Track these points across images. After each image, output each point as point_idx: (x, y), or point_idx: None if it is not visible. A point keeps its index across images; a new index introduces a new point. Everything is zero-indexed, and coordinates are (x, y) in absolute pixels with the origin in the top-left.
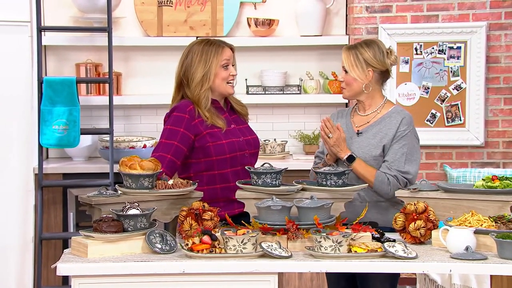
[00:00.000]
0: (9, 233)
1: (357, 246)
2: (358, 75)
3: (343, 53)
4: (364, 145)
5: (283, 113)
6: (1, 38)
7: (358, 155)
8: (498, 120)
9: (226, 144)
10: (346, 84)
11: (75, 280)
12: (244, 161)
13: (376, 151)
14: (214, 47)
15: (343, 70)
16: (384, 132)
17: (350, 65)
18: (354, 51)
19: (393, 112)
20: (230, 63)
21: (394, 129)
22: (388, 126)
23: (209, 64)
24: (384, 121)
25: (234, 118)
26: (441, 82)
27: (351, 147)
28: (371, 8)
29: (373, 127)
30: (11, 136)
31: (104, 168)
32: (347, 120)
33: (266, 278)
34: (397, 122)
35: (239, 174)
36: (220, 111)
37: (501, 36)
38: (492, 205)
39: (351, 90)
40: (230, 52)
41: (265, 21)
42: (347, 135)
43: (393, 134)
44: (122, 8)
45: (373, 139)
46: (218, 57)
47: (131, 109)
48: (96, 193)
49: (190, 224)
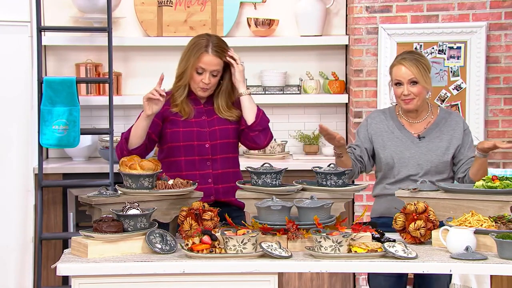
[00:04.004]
0: (9, 233)
1: (357, 246)
2: (428, 83)
3: (409, 66)
4: (434, 149)
5: (283, 113)
6: (1, 38)
7: (428, 158)
8: (498, 120)
9: (182, 132)
10: (417, 95)
11: (75, 280)
12: (202, 151)
13: (448, 153)
14: (197, 48)
15: (407, 83)
16: (448, 134)
17: (420, 75)
18: (417, 61)
19: (444, 113)
20: (207, 70)
21: (460, 129)
22: (449, 127)
23: (187, 65)
24: (441, 124)
25: (208, 110)
26: (441, 82)
27: (417, 151)
28: (371, 8)
29: (432, 130)
30: (11, 136)
31: (104, 168)
32: (396, 123)
33: (266, 278)
34: (457, 122)
35: (195, 164)
36: (195, 102)
37: (501, 36)
38: (492, 205)
39: (421, 99)
40: (211, 59)
41: (265, 21)
42: (405, 139)
43: (461, 133)
44: (122, 8)
45: (440, 142)
46: (195, 61)
47: (131, 109)
48: (96, 193)
49: (190, 224)
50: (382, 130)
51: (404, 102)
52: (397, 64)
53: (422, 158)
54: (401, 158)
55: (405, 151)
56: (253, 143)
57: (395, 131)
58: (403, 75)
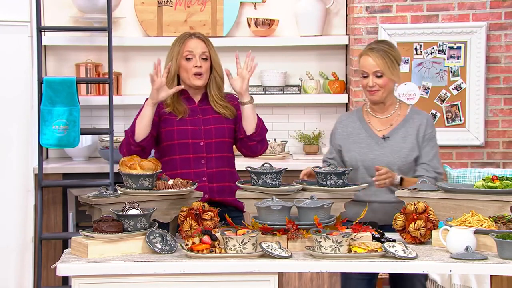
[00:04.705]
0: (9, 233)
1: (357, 246)
2: (395, 75)
3: (375, 58)
4: (397, 150)
5: (283, 113)
6: (1, 38)
7: (391, 160)
8: (498, 120)
9: (176, 131)
10: (382, 86)
11: (75, 280)
12: (198, 149)
13: (412, 155)
14: (179, 40)
15: (372, 75)
16: (413, 134)
17: (386, 67)
18: (385, 53)
19: (413, 113)
20: (196, 54)
21: (422, 131)
22: (414, 128)
23: (172, 56)
24: (408, 123)
25: (203, 109)
26: (441, 82)
27: (380, 152)
28: (371, 8)
29: (398, 130)
30: (11, 136)
31: (104, 168)
32: (362, 124)
33: (266, 278)
34: (422, 123)
35: (190, 162)
36: (188, 101)
37: (501, 36)
38: (492, 205)
39: (387, 91)
40: (196, 43)
41: (265, 21)
42: (370, 139)
43: (423, 136)
44: (122, 8)
45: (404, 143)
46: (180, 49)
47: (131, 109)
48: (96, 193)
49: (190, 224)
50: (348, 133)
51: (369, 93)
52: (364, 55)
53: (385, 160)
54: (365, 160)
55: (369, 153)
56: (250, 151)
57: (361, 132)
58: (369, 67)
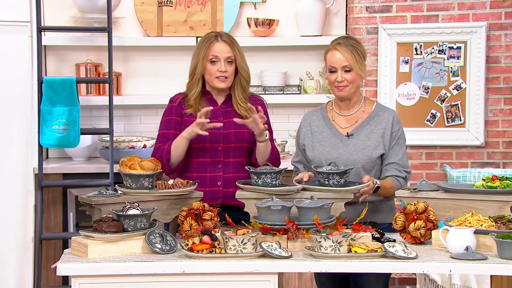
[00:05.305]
0: (9, 233)
1: (357, 246)
2: (363, 71)
3: (343, 52)
4: (361, 147)
5: (283, 113)
6: (1, 38)
7: (355, 158)
8: (498, 120)
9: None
10: (350, 82)
11: (75, 280)
12: (215, 154)
13: (376, 152)
14: (205, 41)
15: (340, 70)
16: (378, 132)
17: (355, 62)
18: (352, 47)
19: (379, 110)
20: (221, 58)
21: (389, 129)
22: (380, 125)
23: (198, 58)
24: (373, 120)
25: (225, 111)
26: (441, 82)
27: (344, 150)
28: (371, 8)
29: (363, 127)
30: (11, 136)
31: (104, 168)
32: (326, 122)
33: (266, 278)
34: (388, 121)
35: (206, 166)
36: (211, 102)
37: (501, 36)
38: (492, 205)
39: (355, 86)
40: (222, 47)
41: (265, 21)
42: (334, 138)
43: (389, 134)
44: (122, 8)
45: (368, 140)
46: (206, 52)
47: (131, 109)
48: (96, 193)
49: (190, 224)
50: (312, 132)
51: (337, 89)
52: (332, 50)
53: (349, 158)
54: (329, 159)
55: (333, 151)
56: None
57: (325, 131)
58: (338, 61)
